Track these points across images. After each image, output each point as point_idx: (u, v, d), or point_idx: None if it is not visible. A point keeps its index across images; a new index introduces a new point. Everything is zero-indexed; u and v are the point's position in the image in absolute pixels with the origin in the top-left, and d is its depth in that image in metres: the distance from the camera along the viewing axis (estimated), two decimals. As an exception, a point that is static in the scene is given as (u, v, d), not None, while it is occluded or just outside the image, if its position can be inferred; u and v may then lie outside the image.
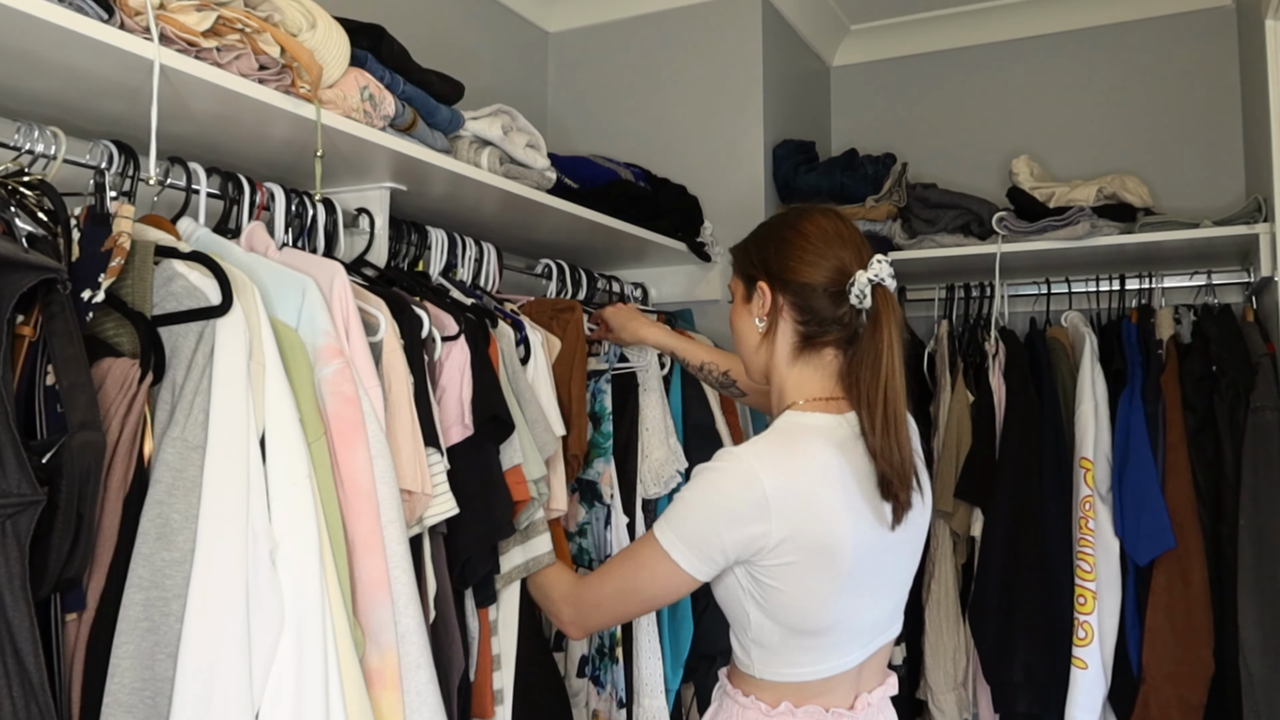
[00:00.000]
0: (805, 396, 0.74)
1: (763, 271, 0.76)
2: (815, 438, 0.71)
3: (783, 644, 0.72)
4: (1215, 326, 1.33)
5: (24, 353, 0.57)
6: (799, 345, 0.74)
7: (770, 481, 0.68)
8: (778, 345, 0.75)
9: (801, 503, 0.69)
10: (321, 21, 0.81)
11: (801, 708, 0.72)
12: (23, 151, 0.65)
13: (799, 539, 0.69)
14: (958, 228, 1.48)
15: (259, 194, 0.79)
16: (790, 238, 0.74)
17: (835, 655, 0.73)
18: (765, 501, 0.68)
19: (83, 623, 0.56)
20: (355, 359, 0.70)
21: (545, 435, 0.89)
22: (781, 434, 0.73)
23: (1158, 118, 1.61)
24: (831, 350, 0.74)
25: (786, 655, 0.72)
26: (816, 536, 0.69)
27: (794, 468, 0.69)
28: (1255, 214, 1.29)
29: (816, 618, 0.71)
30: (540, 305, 1.09)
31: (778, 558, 0.69)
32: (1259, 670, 1.15)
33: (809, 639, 0.72)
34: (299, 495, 0.61)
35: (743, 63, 1.52)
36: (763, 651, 0.73)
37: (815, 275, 0.72)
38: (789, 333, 0.75)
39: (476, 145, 1.03)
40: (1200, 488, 1.26)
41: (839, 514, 0.69)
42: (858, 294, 0.71)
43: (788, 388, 0.75)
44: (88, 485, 0.54)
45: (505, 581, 0.86)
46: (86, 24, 0.60)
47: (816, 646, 0.72)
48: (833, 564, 0.69)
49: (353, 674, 0.61)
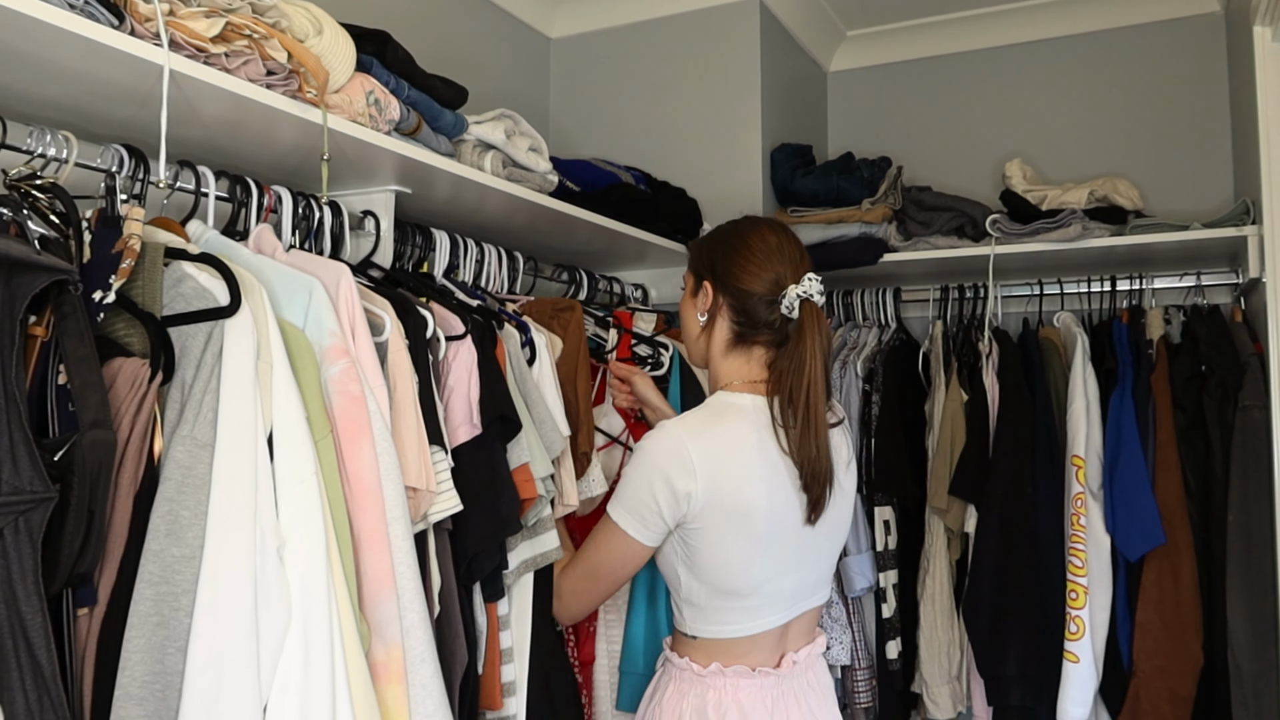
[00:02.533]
0: (736, 380, 0.84)
1: (709, 273, 0.86)
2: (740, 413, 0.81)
3: (709, 603, 0.81)
4: (1204, 327, 1.35)
5: (36, 352, 0.58)
6: (733, 340, 0.85)
7: (694, 447, 0.78)
8: (714, 338, 0.86)
9: (721, 467, 0.78)
10: (328, 27, 0.82)
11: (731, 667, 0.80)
12: (35, 155, 0.65)
13: (719, 501, 0.78)
14: (952, 230, 1.50)
15: (266, 197, 0.80)
16: (738, 247, 0.84)
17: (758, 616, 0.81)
18: (690, 463, 0.77)
19: (94, 617, 0.57)
20: (361, 359, 0.71)
21: (552, 435, 0.90)
22: (708, 409, 0.83)
23: (1148, 122, 1.63)
24: (761, 348, 0.84)
25: (713, 615, 0.81)
26: (734, 501, 0.78)
27: (715, 437, 0.79)
28: (1243, 216, 1.31)
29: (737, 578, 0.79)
30: (540, 305, 1.10)
31: (701, 520, 0.78)
32: (1247, 664, 1.17)
33: (733, 599, 0.80)
34: (306, 492, 0.62)
35: (741, 68, 1.54)
36: (693, 610, 0.82)
37: (754, 284, 0.83)
38: (725, 329, 0.85)
39: (480, 149, 1.05)
40: (1190, 485, 1.28)
41: (754, 481, 0.78)
42: (787, 305, 0.81)
43: (720, 374, 0.86)
44: (99, 482, 0.55)
45: (514, 576, 0.87)
46: (97, 30, 0.61)
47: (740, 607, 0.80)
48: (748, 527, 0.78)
49: (358, 667, 0.62)
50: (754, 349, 0.84)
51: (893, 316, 1.62)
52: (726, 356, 0.85)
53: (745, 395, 0.82)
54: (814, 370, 0.78)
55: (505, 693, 0.85)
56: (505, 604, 0.87)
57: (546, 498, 0.89)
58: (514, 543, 0.86)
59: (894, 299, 1.63)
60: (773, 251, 0.83)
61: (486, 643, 0.84)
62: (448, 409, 0.82)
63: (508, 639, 0.86)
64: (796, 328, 0.80)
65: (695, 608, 0.81)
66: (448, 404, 0.82)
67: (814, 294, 0.81)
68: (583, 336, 1.07)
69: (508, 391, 0.85)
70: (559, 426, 0.92)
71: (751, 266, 0.82)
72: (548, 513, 0.90)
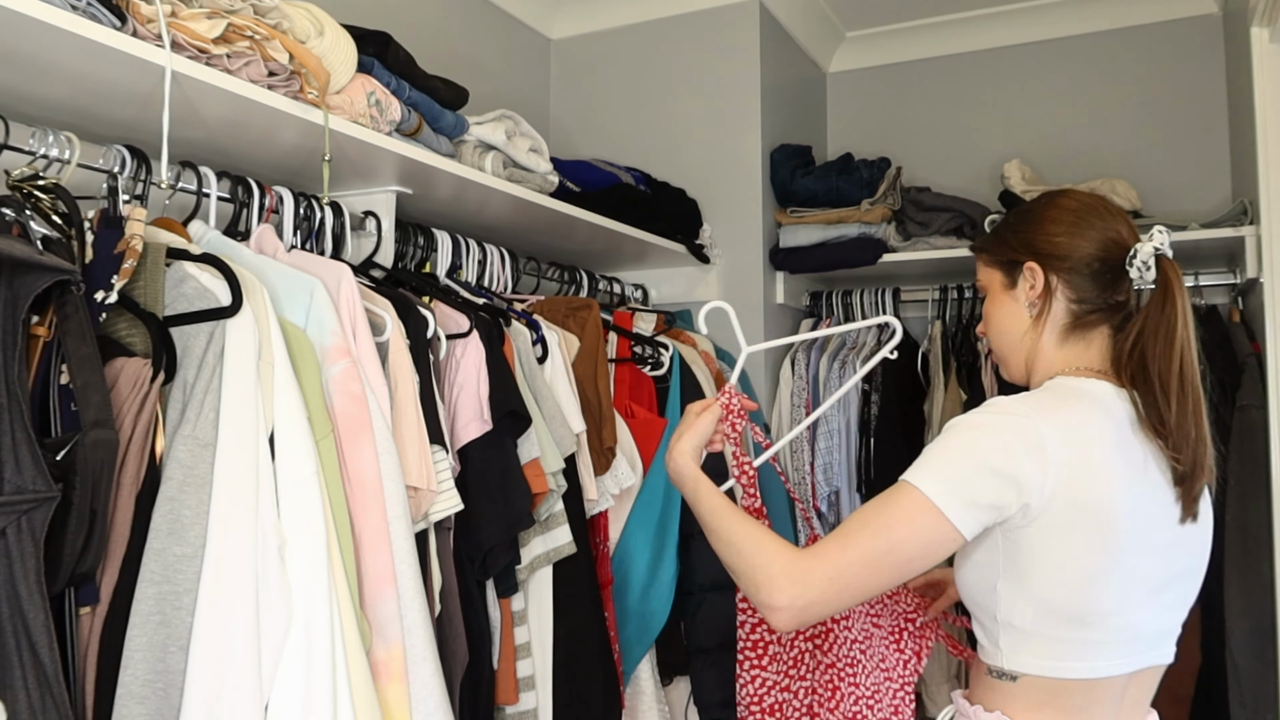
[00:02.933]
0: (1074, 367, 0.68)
1: (1029, 252, 0.70)
2: (1093, 399, 0.65)
3: (1037, 629, 0.62)
4: (1202, 327, 1.35)
5: (39, 352, 0.59)
6: (1070, 325, 0.69)
7: (1047, 427, 0.61)
8: (1046, 328, 0.69)
9: (1079, 454, 0.61)
10: (329, 29, 0.82)
11: None
12: (38, 156, 0.66)
13: (1072, 495, 0.61)
14: (951, 230, 1.50)
15: (268, 197, 0.81)
16: (1056, 215, 0.69)
17: (1098, 654, 0.62)
18: (1042, 445, 0.61)
19: (96, 616, 0.57)
20: (362, 358, 0.71)
21: (563, 431, 0.90)
22: (1054, 392, 0.66)
23: (1146, 123, 1.63)
24: (1103, 330, 0.68)
25: (1042, 644, 0.62)
26: (1092, 497, 0.61)
27: (1072, 419, 0.63)
28: (1241, 217, 1.31)
29: (1084, 599, 0.61)
30: (554, 304, 1.10)
31: (1044, 517, 0.61)
32: (1245, 663, 1.17)
33: (1072, 628, 0.62)
34: (307, 492, 0.63)
35: (741, 69, 1.54)
36: (1015, 637, 0.63)
37: (1087, 247, 0.67)
38: (1061, 313, 0.69)
39: (481, 150, 1.05)
40: (1188, 485, 1.29)
41: (1116, 476, 0.62)
42: (1140, 265, 0.65)
43: (1055, 367, 0.69)
44: (101, 482, 0.55)
45: (528, 571, 0.86)
46: (100, 31, 0.61)
47: (1078, 639, 0.62)
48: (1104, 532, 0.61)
49: (360, 666, 0.63)
50: (1093, 335, 0.68)
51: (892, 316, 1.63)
52: (1062, 347, 0.68)
53: (1095, 381, 0.66)
54: (1186, 337, 0.63)
55: (522, 687, 0.84)
56: (521, 599, 0.86)
57: (558, 492, 0.89)
58: (526, 538, 0.86)
59: (893, 299, 1.63)
60: (1100, 210, 0.68)
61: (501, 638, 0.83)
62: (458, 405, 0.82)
63: (524, 634, 0.86)
64: (1160, 287, 0.64)
65: (1017, 632, 0.62)
66: (458, 400, 0.82)
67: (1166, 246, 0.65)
68: (600, 334, 1.06)
69: (517, 388, 0.85)
70: (570, 423, 0.92)
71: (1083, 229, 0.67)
72: (559, 508, 0.89)
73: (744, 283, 1.51)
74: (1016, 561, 0.63)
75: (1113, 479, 0.62)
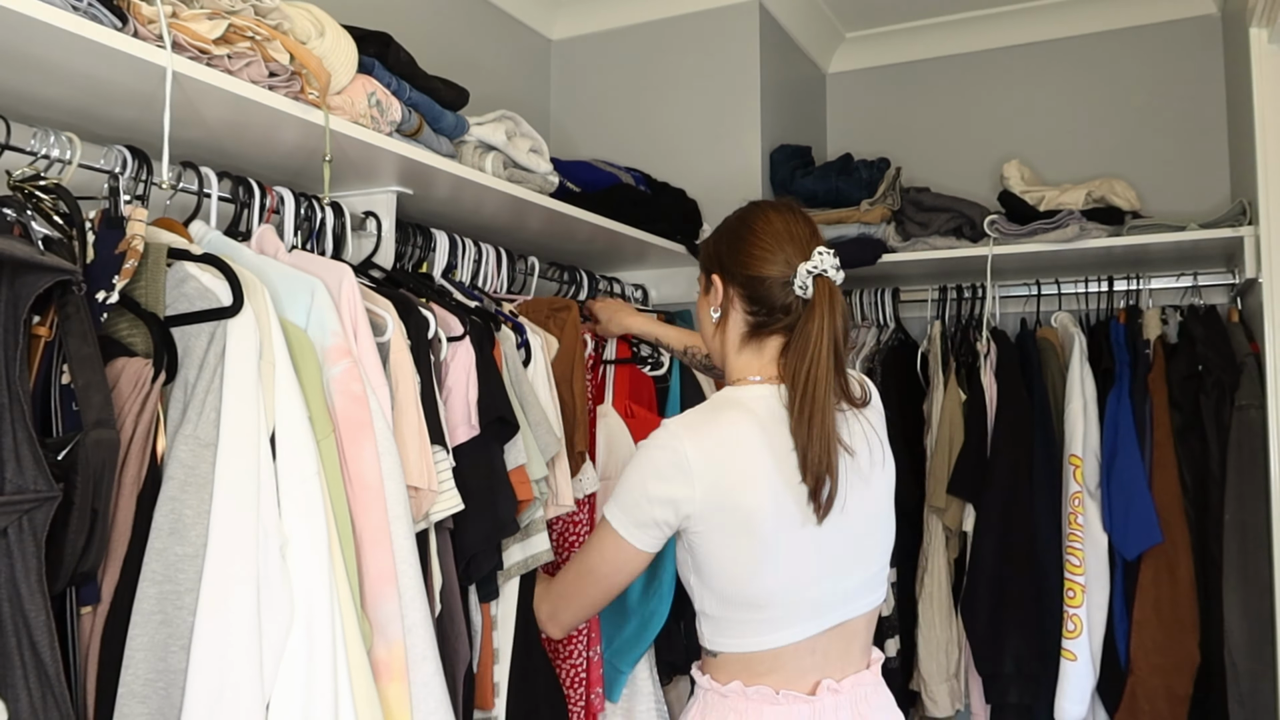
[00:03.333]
0: (747, 374, 0.79)
1: (717, 266, 0.81)
2: (744, 407, 0.76)
3: (722, 614, 0.75)
4: (1201, 327, 1.36)
5: (40, 352, 0.59)
6: (748, 334, 0.79)
7: (691, 445, 0.73)
8: (729, 333, 0.80)
9: (720, 468, 0.72)
10: (330, 29, 0.82)
11: (752, 686, 0.73)
12: (39, 156, 0.66)
13: (719, 503, 0.72)
14: (950, 230, 1.51)
15: (269, 198, 0.81)
16: (743, 234, 0.79)
17: (778, 628, 0.73)
18: (686, 463, 0.72)
19: (97, 616, 0.57)
20: (363, 359, 0.71)
21: (547, 436, 0.91)
22: (709, 406, 0.78)
23: (1145, 123, 1.63)
24: (777, 337, 0.78)
25: (728, 626, 0.75)
26: (735, 502, 0.72)
27: (715, 434, 0.74)
28: (1240, 217, 1.32)
29: (746, 586, 0.73)
30: (536, 305, 1.10)
31: (702, 523, 0.73)
32: (1243, 662, 1.17)
33: (747, 610, 0.74)
34: (308, 491, 0.63)
35: (741, 70, 1.55)
36: (710, 623, 0.77)
37: (762, 269, 0.77)
38: (739, 322, 0.80)
39: (481, 150, 1.05)
40: (1187, 484, 1.29)
41: (756, 481, 0.72)
42: (800, 284, 0.75)
43: (733, 371, 0.80)
44: (102, 481, 0.55)
45: (506, 578, 0.87)
46: (101, 32, 0.61)
47: (756, 620, 0.74)
48: (752, 531, 0.72)
49: (361, 665, 0.63)
50: (768, 340, 0.78)
51: (891, 317, 1.63)
52: (741, 351, 0.79)
53: (751, 388, 0.76)
54: (818, 348, 0.72)
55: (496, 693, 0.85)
56: (495, 605, 0.87)
57: (541, 500, 0.89)
58: (508, 544, 0.87)
59: (892, 299, 1.63)
60: (779, 234, 0.77)
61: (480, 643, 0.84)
62: (447, 409, 0.82)
63: (497, 639, 0.87)
64: (809, 304, 0.74)
65: (711, 620, 0.75)
66: (446, 404, 0.82)
67: (827, 268, 0.74)
68: (578, 335, 1.07)
69: (505, 393, 0.86)
70: (554, 429, 0.93)
71: (757, 251, 0.77)
72: (540, 515, 0.90)
73: (744, 283, 1.53)
74: (697, 560, 0.75)
75: (756, 483, 0.72)
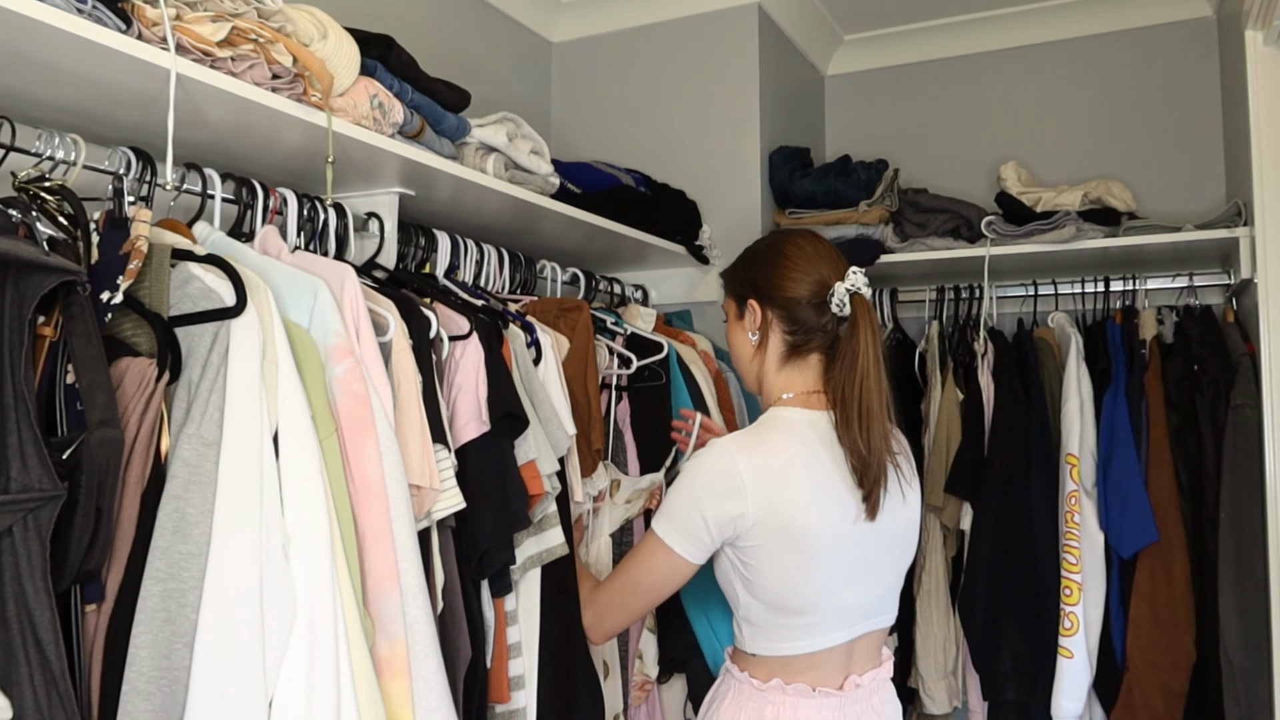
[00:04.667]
0: (789, 394, 0.84)
1: (753, 291, 0.86)
2: (791, 429, 0.80)
3: (768, 621, 0.80)
4: (1197, 327, 1.37)
5: (45, 352, 0.59)
6: (786, 353, 0.84)
7: (744, 464, 0.77)
8: (768, 355, 0.85)
9: (773, 486, 0.77)
10: (332, 32, 0.83)
11: (791, 685, 0.80)
12: (44, 158, 0.66)
13: (771, 520, 0.77)
14: (948, 231, 1.51)
15: (272, 199, 0.81)
16: (775, 259, 0.85)
17: (818, 634, 0.80)
18: (740, 481, 0.77)
19: (102, 613, 0.58)
20: (365, 358, 0.71)
21: (558, 433, 0.91)
22: (760, 426, 0.82)
23: (1141, 125, 1.64)
24: (816, 355, 0.84)
25: (772, 632, 0.80)
26: (788, 518, 0.77)
27: (766, 454, 0.78)
28: (1235, 218, 1.33)
29: (794, 597, 0.78)
30: (545, 305, 1.10)
31: (754, 539, 0.77)
32: (1239, 658, 1.18)
33: (791, 617, 0.79)
34: (311, 490, 0.63)
35: (740, 72, 1.55)
36: (752, 628, 0.81)
37: (799, 289, 0.83)
38: (778, 343, 0.85)
39: (482, 152, 1.06)
40: (1182, 483, 1.29)
41: (807, 499, 0.77)
42: (837, 303, 0.81)
43: (775, 390, 0.85)
44: (107, 480, 0.55)
45: (521, 572, 0.88)
46: (105, 35, 0.62)
47: (799, 625, 0.79)
48: (803, 546, 0.77)
49: (363, 663, 0.63)
50: (809, 358, 0.84)
51: (889, 317, 1.64)
52: (781, 371, 0.84)
53: (798, 410, 0.82)
54: (866, 363, 0.77)
55: (513, 686, 0.86)
56: (512, 599, 0.87)
57: (552, 495, 0.90)
58: (520, 539, 0.87)
59: (890, 300, 1.64)
60: (811, 256, 0.83)
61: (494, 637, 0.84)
62: (457, 406, 0.83)
63: (515, 634, 0.87)
64: (849, 325, 0.80)
65: (754, 626, 0.80)
66: (456, 401, 0.83)
67: (861, 287, 0.81)
68: (590, 336, 1.07)
69: (515, 390, 0.86)
70: (564, 425, 0.93)
71: (794, 273, 0.83)
72: (552, 509, 0.91)
73: (742, 283, 1.53)
74: (743, 571, 0.79)
75: (806, 499, 0.77)
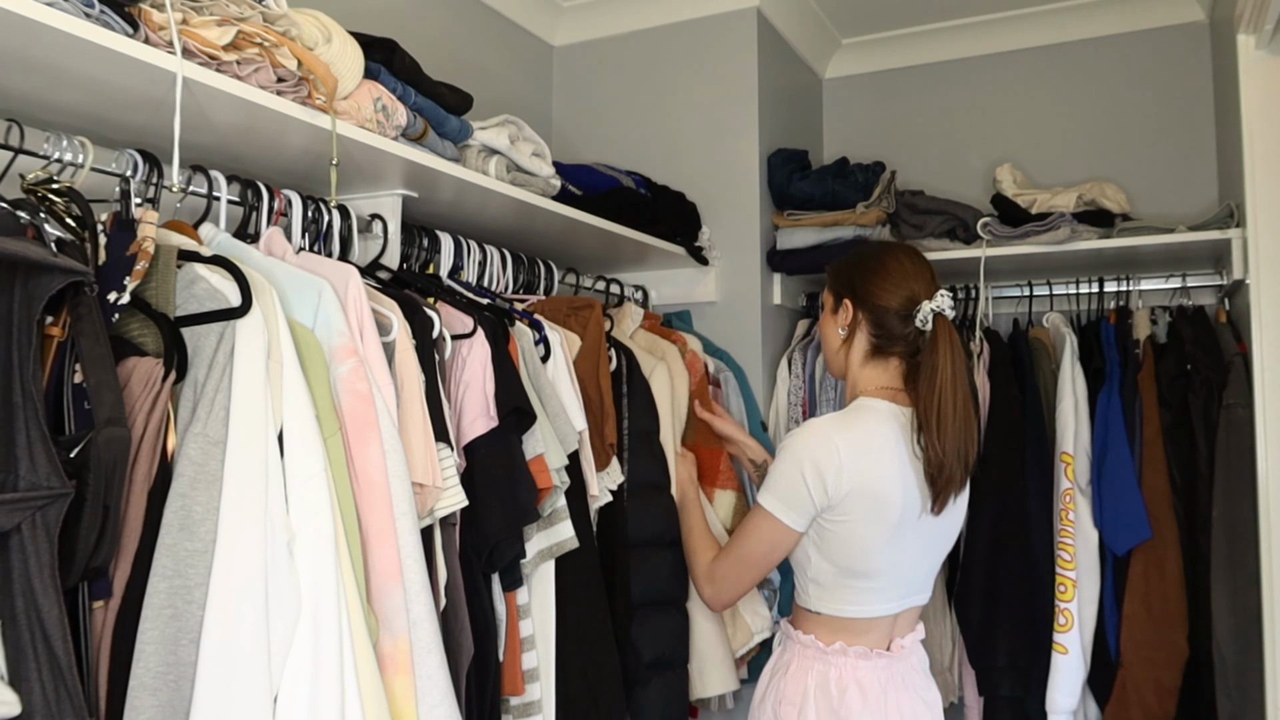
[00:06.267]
0: (874, 387, 0.94)
1: (850, 292, 0.97)
2: (878, 417, 0.91)
3: (835, 582, 0.90)
4: (1190, 327, 1.38)
5: (53, 352, 0.60)
6: (870, 352, 0.96)
7: (842, 440, 0.88)
8: (854, 350, 0.97)
9: (865, 463, 0.88)
10: (336, 36, 0.84)
11: (853, 646, 0.90)
12: (52, 160, 0.67)
13: (862, 491, 0.87)
14: (944, 233, 1.53)
15: (277, 201, 0.82)
16: (876, 269, 0.95)
17: (878, 599, 0.91)
18: (839, 455, 0.87)
19: (109, 610, 0.59)
20: (369, 358, 0.72)
21: (566, 428, 0.92)
22: (852, 410, 0.93)
23: (1135, 128, 1.66)
24: (896, 359, 0.95)
25: (838, 593, 0.91)
26: (877, 490, 0.87)
27: (859, 434, 0.89)
28: (1228, 220, 1.34)
29: (865, 561, 0.89)
30: (555, 303, 1.10)
31: (844, 506, 0.88)
32: (1231, 654, 1.19)
33: (858, 579, 0.90)
34: (315, 488, 0.64)
35: (739, 75, 1.56)
36: (819, 589, 0.92)
37: (890, 300, 0.93)
38: (864, 341, 0.96)
39: (485, 154, 1.06)
40: (1175, 481, 1.30)
41: (893, 474, 0.88)
42: (921, 319, 0.92)
43: (859, 382, 0.97)
44: (114, 478, 0.56)
45: (532, 566, 0.88)
46: (112, 38, 0.62)
47: (862, 589, 0.90)
48: (884, 515, 0.88)
49: (366, 659, 0.64)
50: (890, 360, 0.95)
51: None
52: (865, 366, 0.96)
53: (885, 402, 0.92)
54: (944, 376, 0.88)
55: (527, 679, 0.87)
56: (525, 593, 0.88)
57: (561, 489, 0.90)
58: (530, 533, 0.88)
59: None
60: (907, 272, 0.93)
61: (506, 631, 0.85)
62: (464, 402, 0.83)
63: (528, 627, 0.88)
64: (930, 339, 0.90)
65: (821, 587, 0.91)
66: (465, 398, 0.84)
67: (945, 308, 0.91)
68: (602, 333, 1.07)
69: (522, 385, 0.87)
70: (572, 420, 0.94)
71: (889, 285, 0.93)
72: (562, 503, 0.91)
73: (742, 284, 1.53)
74: (824, 535, 0.90)
75: (892, 477, 0.88)
